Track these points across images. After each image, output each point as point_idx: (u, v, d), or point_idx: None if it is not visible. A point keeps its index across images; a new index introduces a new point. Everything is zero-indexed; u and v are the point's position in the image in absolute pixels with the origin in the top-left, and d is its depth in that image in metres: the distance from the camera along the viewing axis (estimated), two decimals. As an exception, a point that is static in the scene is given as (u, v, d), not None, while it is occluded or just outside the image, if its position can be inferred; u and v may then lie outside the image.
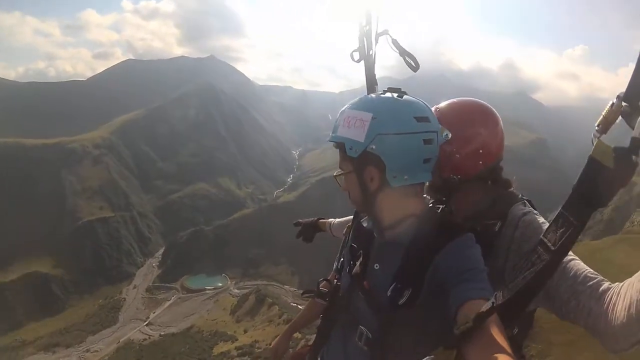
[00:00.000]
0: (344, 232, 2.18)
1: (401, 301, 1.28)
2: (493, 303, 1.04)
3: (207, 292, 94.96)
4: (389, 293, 1.32)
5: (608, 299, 1.12)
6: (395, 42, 1.80)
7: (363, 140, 1.35)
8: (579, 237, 1.11)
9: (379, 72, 1.49)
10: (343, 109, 1.46)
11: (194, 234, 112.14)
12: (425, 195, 1.53)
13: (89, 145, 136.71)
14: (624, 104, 1.02)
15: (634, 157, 0.97)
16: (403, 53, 1.77)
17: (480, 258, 1.28)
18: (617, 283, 1.14)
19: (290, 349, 2.32)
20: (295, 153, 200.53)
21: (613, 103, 1.04)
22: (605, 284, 1.18)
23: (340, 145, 1.41)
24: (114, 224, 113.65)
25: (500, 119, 1.70)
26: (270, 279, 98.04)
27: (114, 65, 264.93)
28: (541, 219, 1.53)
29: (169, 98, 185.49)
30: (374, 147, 1.34)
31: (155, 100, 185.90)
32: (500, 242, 1.53)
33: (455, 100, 1.75)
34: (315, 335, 1.83)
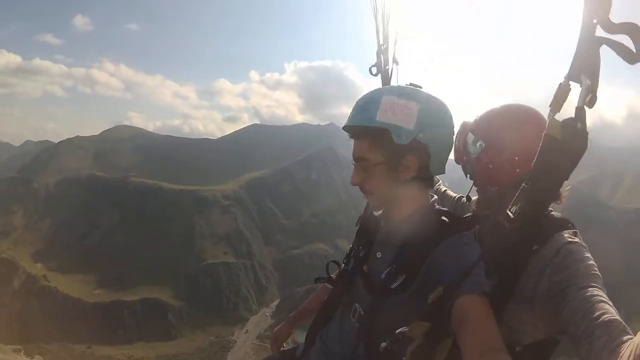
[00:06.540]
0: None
1: (394, 285, 1.38)
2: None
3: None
4: (383, 276, 1.43)
5: (620, 351, 1.07)
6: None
7: (412, 128, 1.38)
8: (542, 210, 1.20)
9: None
10: (377, 96, 1.44)
11: (310, 291, 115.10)
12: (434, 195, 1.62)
13: (219, 195, 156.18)
14: (570, 82, 1.13)
15: (579, 124, 1.09)
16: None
17: (479, 255, 1.32)
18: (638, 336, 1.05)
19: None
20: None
21: (561, 83, 1.15)
22: (625, 337, 1.12)
23: (377, 132, 1.40)
24: (235, 269, 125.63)
25: (544, 122, 1.40)
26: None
27: (241, 128, 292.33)
28: (588, 254, 1.46)
29: (292, 160, 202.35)
30: (421, 135, 1.39)
31: (279, 162, 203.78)
32: (536, 263, 1.47)
33: (492, 107, 1.76)
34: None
